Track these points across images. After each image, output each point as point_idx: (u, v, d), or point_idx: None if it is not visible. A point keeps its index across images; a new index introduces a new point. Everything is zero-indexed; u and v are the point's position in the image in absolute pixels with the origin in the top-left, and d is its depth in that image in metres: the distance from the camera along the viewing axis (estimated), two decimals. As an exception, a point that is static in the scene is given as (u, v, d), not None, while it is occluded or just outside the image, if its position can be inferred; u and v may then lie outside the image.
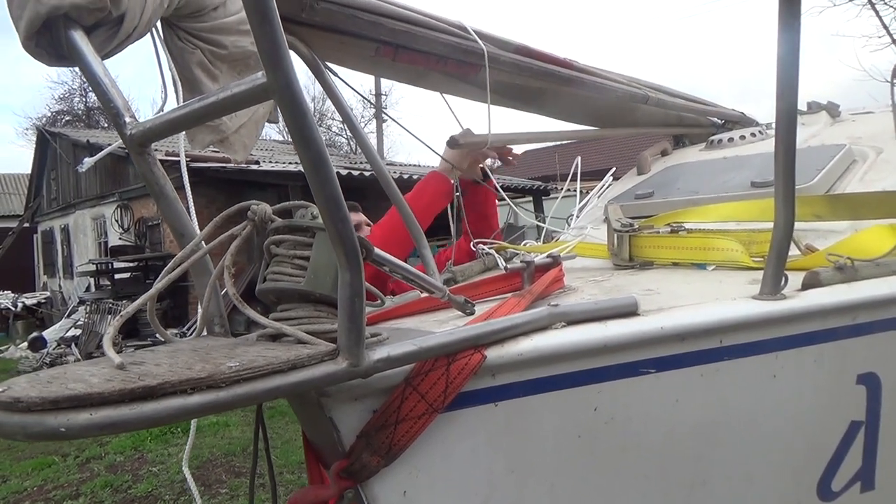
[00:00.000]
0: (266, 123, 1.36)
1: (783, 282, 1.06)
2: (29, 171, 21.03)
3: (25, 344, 12.78)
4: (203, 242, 0.83)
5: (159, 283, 0.80)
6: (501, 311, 0.92)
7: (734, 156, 2.23)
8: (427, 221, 1.98)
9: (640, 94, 2.54)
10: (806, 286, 1.10)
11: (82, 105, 33.88)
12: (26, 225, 20.35)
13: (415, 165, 20.39)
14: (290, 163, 11.37)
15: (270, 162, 11.52)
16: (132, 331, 11.19)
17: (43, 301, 16.49)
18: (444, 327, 0.93)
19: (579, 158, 2.00)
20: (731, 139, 2.57)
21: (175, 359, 0.65)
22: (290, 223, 0.78)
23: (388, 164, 18.47)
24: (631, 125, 2.84)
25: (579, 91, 2.26)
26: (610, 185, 2.27)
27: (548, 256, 1.23)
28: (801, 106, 2.88)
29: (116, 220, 14.25)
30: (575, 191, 2.41)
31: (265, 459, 0.98)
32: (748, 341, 1.01)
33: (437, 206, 1.98)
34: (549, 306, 0.90)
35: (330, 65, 1.48)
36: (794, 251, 1.38)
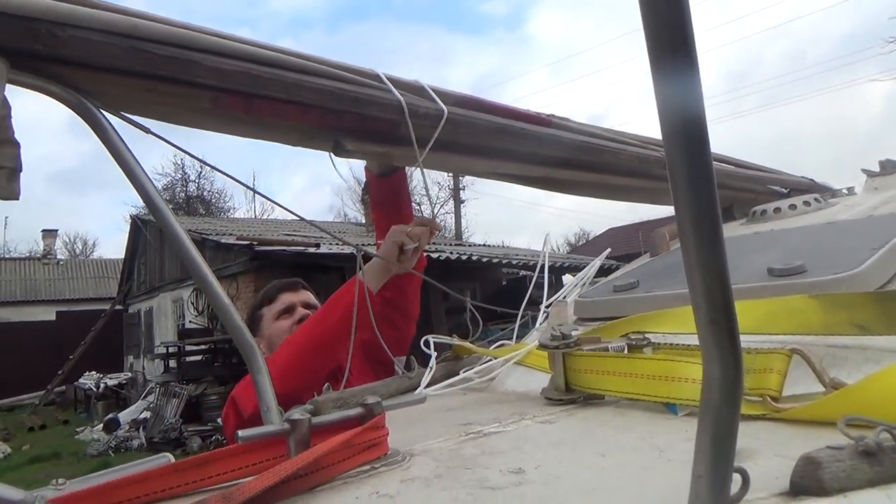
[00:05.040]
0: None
1: (740, 486, 0.52)
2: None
3: (101, 426, 12.99)
4: None
5: None
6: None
7: (769, 230, 1.66)
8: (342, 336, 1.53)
9: (654, 157, 2.04)
10: (797, 490, 0.55)
11: (183, 194, 36.35)
12: (119, 307, 21.38)
13: (485, 245, 20.06)
14: (345, 244, 11.30)
15: (330, 245, 11.48)
16: (193, 415, 11.10)
17: (125, 382, 16.93)
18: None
19: (548, 233, 1.50)
20: (777, 209, 1.99)
21: None
22: None
23: (457, 244, 18.23)
24: (649, 195, 2.32)
25: (562, 154, 1.79)
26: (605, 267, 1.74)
27: (361, 405, 0.74)
28: (874, 166, 2.26)
29: (192, 303, 14.59)
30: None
31: None
32: None
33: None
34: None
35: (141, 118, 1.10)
36: (811, 386, 0.83)
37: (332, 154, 1.37)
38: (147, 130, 1.09)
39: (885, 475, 0.55)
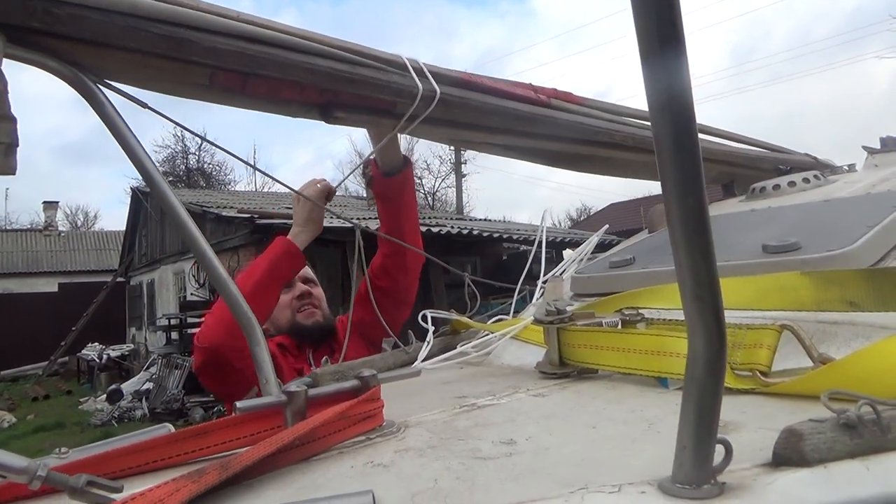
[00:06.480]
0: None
1: (724, 456, 0.54)
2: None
3: (104, 396, 13.13)
4: None
5: None
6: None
7: (766, 207, 1.67)
8: (269, 300, 1.59)
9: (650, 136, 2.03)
10: (778, 460, 0.57)
11: (183, 167, 36.19)
12: (121, 279, 21.45)
13: (486, 220, 20.04)
14: (341, 218, 11.28)
15: (330, 218, 11.45)
16: (195, 386, 11.21)
17: (127, 353, 17.06)
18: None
19: (546, 209, 1.50)
20: (776, 186, 1.99)
21: None
22: None
23: (458, 219, 18.20)
24: (649, 171, 2.32)
25: (559, 133, 1.78)
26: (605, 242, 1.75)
27: (357, 378, 0.76)
28: (874, 143, 2.26)
29: (193, 276, 14.63)
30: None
31: None
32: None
33: (279, 276, 1.62)
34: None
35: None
36: (801, 361, 0.84)
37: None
38: (144, 105, 1.09)
39: (864, 447, 0.56)
